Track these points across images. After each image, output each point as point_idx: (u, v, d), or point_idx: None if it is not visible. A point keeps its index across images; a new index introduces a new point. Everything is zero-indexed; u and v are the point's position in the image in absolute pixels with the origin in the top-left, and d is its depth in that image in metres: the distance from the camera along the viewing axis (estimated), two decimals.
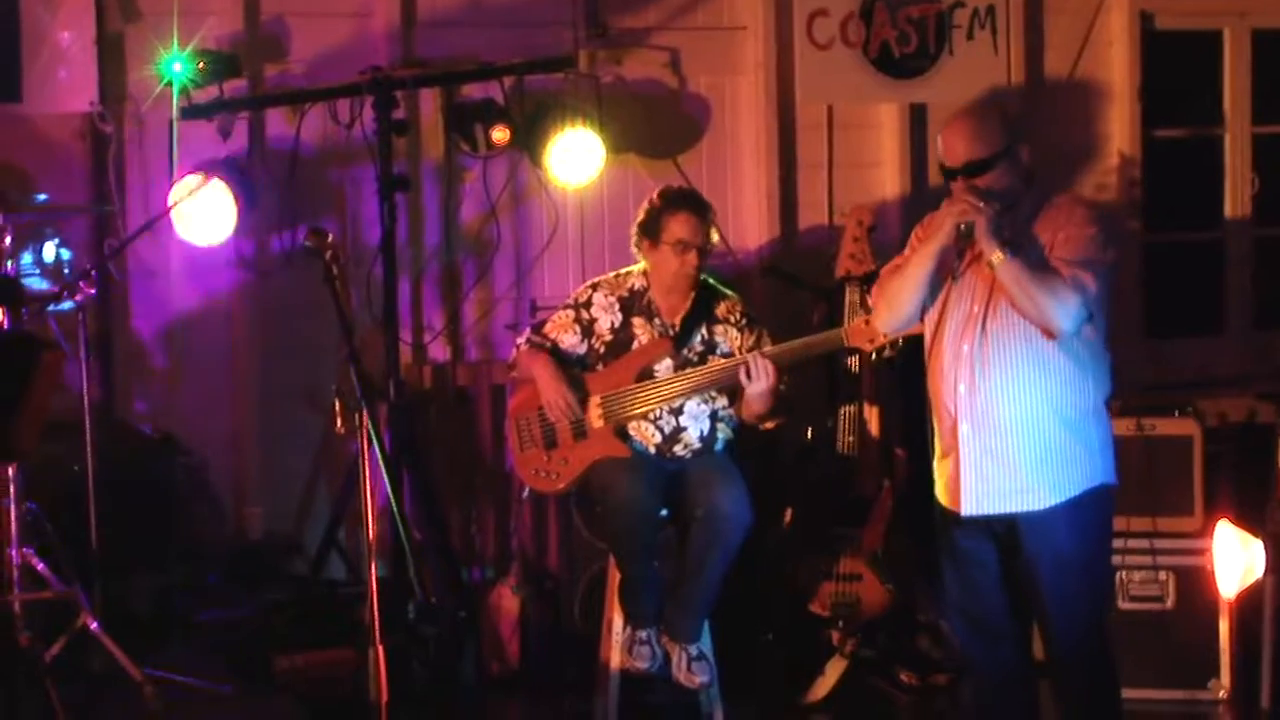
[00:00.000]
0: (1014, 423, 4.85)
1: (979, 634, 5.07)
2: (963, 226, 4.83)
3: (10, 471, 5.73)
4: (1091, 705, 5.04)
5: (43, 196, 6.39)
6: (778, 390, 5.83)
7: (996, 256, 4.77)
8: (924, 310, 5.02)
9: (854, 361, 6.37)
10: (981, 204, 4.79)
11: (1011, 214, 4.87)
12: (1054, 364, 4.85)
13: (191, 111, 6.54)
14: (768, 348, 5.91)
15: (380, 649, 5.10)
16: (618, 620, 5.97)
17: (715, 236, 6.11)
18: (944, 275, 4.95)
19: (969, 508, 4.92)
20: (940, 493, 5.04)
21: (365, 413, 5.19)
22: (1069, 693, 5.04)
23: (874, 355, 5.86)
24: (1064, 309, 4.75)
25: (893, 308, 5.06)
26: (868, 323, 5.78)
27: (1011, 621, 5.05)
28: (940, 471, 5.03)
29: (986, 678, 5.12)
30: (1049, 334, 4.80)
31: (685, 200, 6.04)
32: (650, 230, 6.03)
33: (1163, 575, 6.24)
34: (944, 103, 7.46)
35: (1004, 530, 4.94)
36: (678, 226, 5.98)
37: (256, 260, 6.88)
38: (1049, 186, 5.15)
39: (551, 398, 5.97)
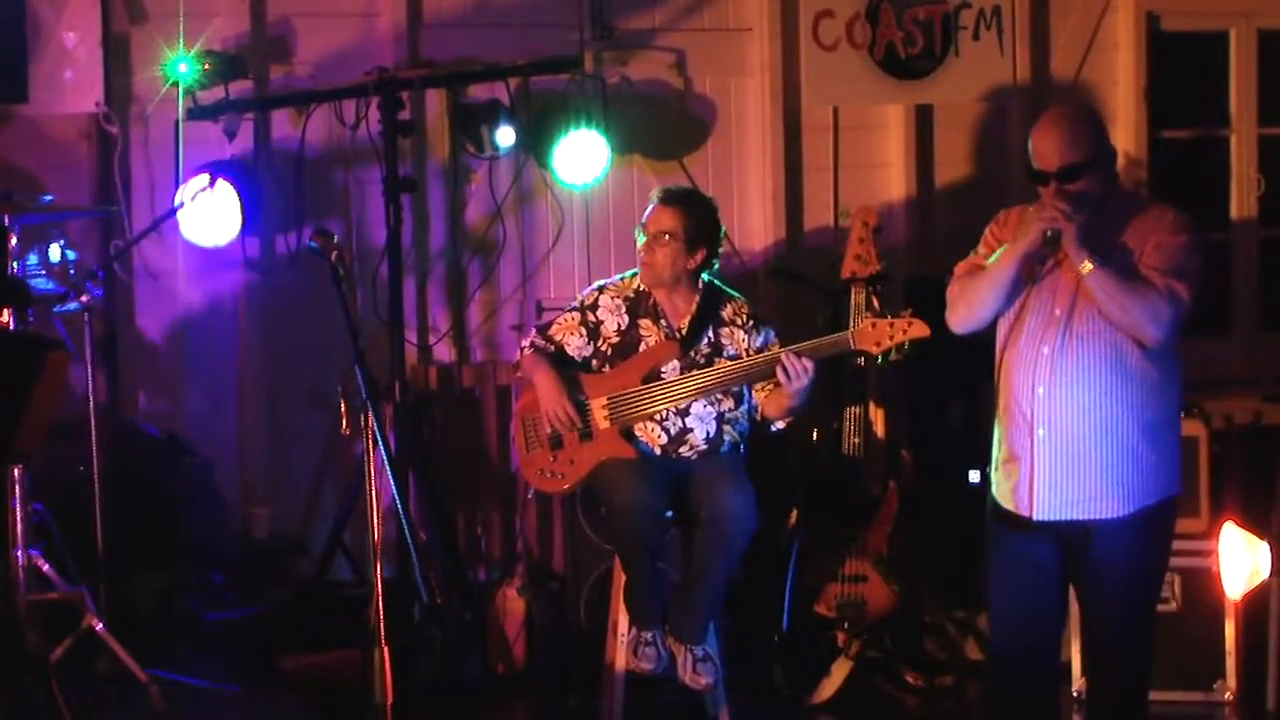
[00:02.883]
0: (1093, 428, 4.81)
1: (1020, 640, 5.01)
2: (1049, 233, 4.78)
3: (16, 473, 5.73)
4: (1127, 703, 5.03)
5: (49, 197, 6.39)
6: (814, 385, 5.82)
7: (1086, 266, 4.72)
8: (999, 312, 4.97)
9: (860, 362, 6.37)
10: (1070, 211, 4.73)
11: (1098, 219, 4.81)
12: (1137, 370, 4.81)
13: (197, 112, 6.54)
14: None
15: (386, 650, 5.10)
16: (623, 621, 5.96)
17: (722, 235, 6.13)
18: (1025, 278, 4.89)
19: (1041, 513, 4.86)
20: (1004, 497, 4.96)
21: (371, 414, 5.19)
22: (1108, 691, 5.03)
23: (880, 359, 5.84)
24: (1157, 319, 4.72)
25: (973, 308, 4.97)
26: (874, 326, 5.77)
27: (1053, 628, 5.03)
28: (1007, 475, 4.94)
29: (1016, 683, 5.07)
30: (1140, 343, 4.77)
31: (662, 194, 6.09)
32: (641, 227, 6.08)
33: (1168, 577, 6.22)
34: (950, 104, 7.48)
35: (1074, 536, 4.89)
36: (650, 219, 6.05)
37: (262, 261, 6.88)
38: (1133, 192, 5.10)
39: (551, 407, 5.96)
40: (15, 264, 5.94)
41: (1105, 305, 4.75)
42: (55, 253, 6.21)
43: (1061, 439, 4.83)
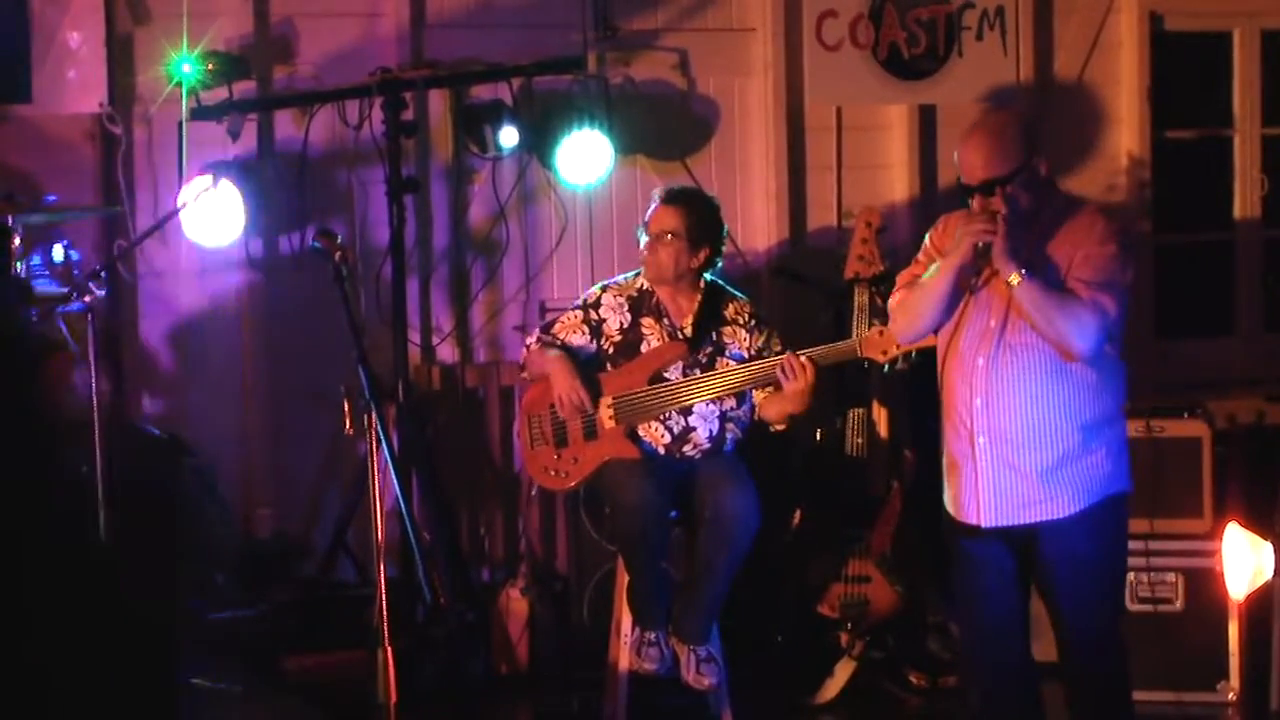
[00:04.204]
0: (1031, 435, 4.84)
1: (990, 641, 5.04)
2: (980, 245, 4.81)
3: None
4: (1105, 707, 5.04)
5: (52, 197, 6.39)
6: (816, 389, 5.82)
7: (1014, 278, 4.75)
8: (939, 323, 5.00)
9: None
10: (998, 224, 4.76)
11: (1029, 228, 4.84)
12: (1072, 376, 4.83)
13: (201, 113, 6.53)
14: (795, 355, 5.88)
15: (389, 650, 5.11)
16: (626, 621, 5.96)
17: (724, 234, 6.14)
18: (962, 290, 4.92)
19: (988, 519, 4.90)
20: (949, 503, 5.02)
21: (374, 414, 5.19)
22: (1083, 695, 5.03)
23: (886, 368, 5.84)
24: (1082, 332, 4.74)
25: (911, 320, 5.05)
26: (882, 334, 5.77)
27: (1021, 626, 5.04)
28: (950, 482, 5.00)
29: (993, 682, 5.09)
30: (1067, 356, 4.79)
31: (664, 194, 6.10)
32: (643, 226, 6.08)
33: (1171, 577, 6.23)
34: (953, 104, 7.47)
35: (1021, 539, 4.93)
36: (653, 218, 6.05)
37: (265, 261, 6.88)
38: (1068, 197, 5.12)
39: (564, 393, 5.97)
40: (19, 264, 5.94)
41: (1032, 317, 4.78)
42: (58, 253, 6.20)
43: (1001, 446, 4.87)
